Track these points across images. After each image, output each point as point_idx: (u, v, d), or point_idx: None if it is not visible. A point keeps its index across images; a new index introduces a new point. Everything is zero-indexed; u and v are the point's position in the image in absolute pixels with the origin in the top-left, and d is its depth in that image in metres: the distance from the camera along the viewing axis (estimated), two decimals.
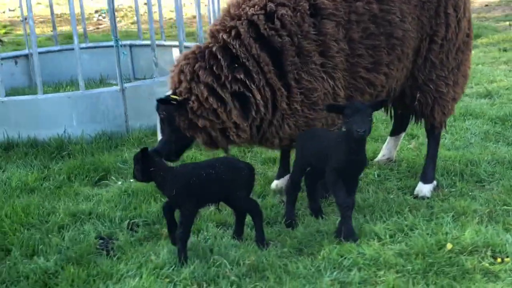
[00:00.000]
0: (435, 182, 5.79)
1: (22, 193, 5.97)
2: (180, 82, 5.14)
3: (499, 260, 4.38)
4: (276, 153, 6.31)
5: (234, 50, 5.11)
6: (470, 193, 5.60)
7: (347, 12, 5.25)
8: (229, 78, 5.07)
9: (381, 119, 7.61)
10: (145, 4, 9.92)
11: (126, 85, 7.91)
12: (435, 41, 5.58)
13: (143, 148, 4.60)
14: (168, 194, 4.65)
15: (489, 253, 4.47)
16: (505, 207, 5.26)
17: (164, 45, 11.10)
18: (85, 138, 7.47)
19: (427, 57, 5.61)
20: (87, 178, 6.32)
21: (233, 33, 5.14)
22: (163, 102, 5.14)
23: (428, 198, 5.59)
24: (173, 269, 4.42)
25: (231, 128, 5.16)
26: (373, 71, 5.36)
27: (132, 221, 5.26)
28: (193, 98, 5.06)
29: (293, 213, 5.23)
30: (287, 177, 5.99)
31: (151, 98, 8.01)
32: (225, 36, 5.15)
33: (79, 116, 7.68)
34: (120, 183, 6.17)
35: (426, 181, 5.76)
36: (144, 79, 10.04)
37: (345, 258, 4.49)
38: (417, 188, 5.74)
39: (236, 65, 5.10)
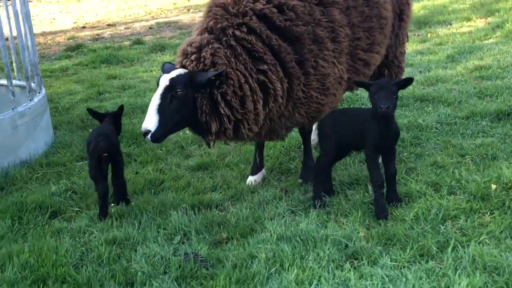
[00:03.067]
0: None
1: None
2: (214, 64, 4.95)
3: None
4: None
5: (249, 46, 5.10)
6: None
7: None
8: (254, 70, 5.09)
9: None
10: None
11: None
12: (403, 19, 6.23)
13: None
14: None
15: None
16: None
17: None
18: None
19: (397, 34, 6.21)
20: (37, 217, 5.62)
21: (244, 28, 5.13)
22: (218, 75, 4.88)
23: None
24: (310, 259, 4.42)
25: (248, 121, 5.12)
26: (369, 51, 5.75)
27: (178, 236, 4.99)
28: (229, 82, 4.94)
29: (321, 195, 5.40)
30: (263, 171, 6.07)
31: (14, 132, 7.20)
32: (237, 32, 5.11)
33: None
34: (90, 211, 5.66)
35: None
36: None
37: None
38: None
39: (254, 58, 5.12)
